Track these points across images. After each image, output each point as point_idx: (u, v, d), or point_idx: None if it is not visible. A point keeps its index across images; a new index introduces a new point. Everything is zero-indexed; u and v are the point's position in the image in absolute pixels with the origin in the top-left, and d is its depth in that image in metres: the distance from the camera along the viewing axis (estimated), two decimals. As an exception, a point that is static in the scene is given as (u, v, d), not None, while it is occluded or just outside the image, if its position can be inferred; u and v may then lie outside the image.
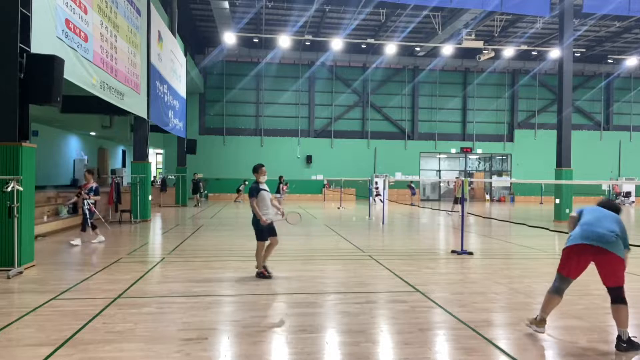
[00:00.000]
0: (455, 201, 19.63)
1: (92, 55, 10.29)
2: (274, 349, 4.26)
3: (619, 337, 4.20)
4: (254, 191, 7.00)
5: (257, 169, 7.21)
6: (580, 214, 4.68)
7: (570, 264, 4.40)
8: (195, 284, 6.59)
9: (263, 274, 6.96)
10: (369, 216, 18.37)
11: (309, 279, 7.09)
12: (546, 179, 29.27)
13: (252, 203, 6.95)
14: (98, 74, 10.67)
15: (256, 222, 6.98)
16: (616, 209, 4.65)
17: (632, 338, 4.19)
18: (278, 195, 19.90)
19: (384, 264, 8.31)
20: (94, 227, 10.53)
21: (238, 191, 28.47)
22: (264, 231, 6.96)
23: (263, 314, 5.24)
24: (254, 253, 7.18)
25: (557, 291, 4.49)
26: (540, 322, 4.56)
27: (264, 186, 7.16)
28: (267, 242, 7.06)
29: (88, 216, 10.30)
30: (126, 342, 4.31)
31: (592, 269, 7.80)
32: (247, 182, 27.43)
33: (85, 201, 10.30)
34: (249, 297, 5.99)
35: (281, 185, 20.73)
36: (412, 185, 29.93)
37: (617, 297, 4.25)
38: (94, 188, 10.46)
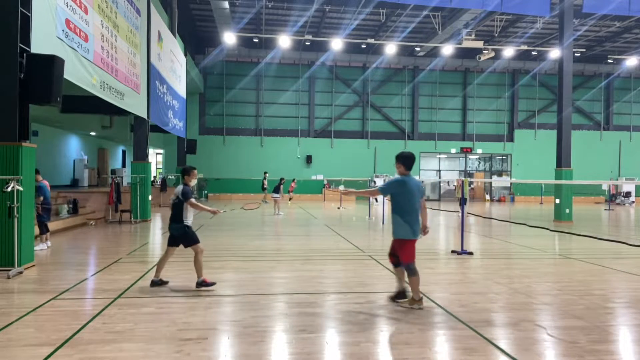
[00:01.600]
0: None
1: (92, 55, 10.29)
2: (274, 349, 4.26)
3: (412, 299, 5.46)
4: (190, 192, 6.44)
5: (189, 172, 6.57)
6: (392, 193, 5.55)
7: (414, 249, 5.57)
8: (194, 283, 6.58)
9: (206, 282, 6.29)
10: (369, 216, 18.37)
11: (309, 279, 7.09)
12: (546, 179, 29.27)
13: (194, 202, 6.35)
14: (98, 74, 10.67)
15: (183, 227, 6.37)
16: (412, 159, 5.64)
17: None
18: (277, 195, 19.92)
19: (384, 264, 8.30)
20: (43, 231, 9.69)
21: (264, 189, 27.00)
22: (195, 233, 6.53)
23: (263, 314, 5.24)
24: (194, 261, 6.42)
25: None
26: (420, 301, 5.47)
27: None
28: (172, 249, 6.61)
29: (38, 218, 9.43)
30: (126, 342, 4.31)
31: (594, 269, 7.78)
32: (267, 174, 27.13)
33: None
34: (249, 297, 5.99)
35: (281, 186, 20.72)
36: None
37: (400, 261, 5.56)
38: (37, 187, 9.24)
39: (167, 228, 14.00)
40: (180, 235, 6.46)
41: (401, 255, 5.49)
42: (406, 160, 5.58)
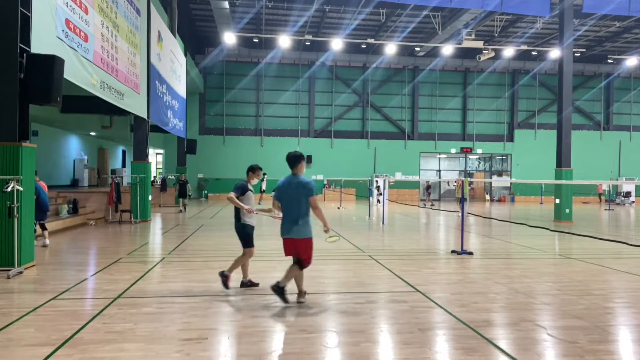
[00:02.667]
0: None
1: (92, 55, 10.29)
2: (274, 349, 4.26)
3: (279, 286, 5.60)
4: (241, 189, 6.29)
5: (255, 170, 6.58)
6: (278, 198, 5.77)
7: (287, 249, 5.75)
8: (195, 284, 6.59)
9: (252, 282, 6.46)
10: (369, 216, 18.37)
11: (309, 279, 7.07)
12: (546, 179, 29.26)
13: (234, 198, 6.15)
14: (98, 74, 10.67)
15: (243, 226, 6.36)
16: (298, 159, 5.75)
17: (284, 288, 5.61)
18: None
19: (384, 264, 8.31)
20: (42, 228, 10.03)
21: (262, 191, 25.94)
22: (252, 236, 6.44)
23: (263, 314, 5.24)
24: (238, 258, 6.50)
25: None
26: (302, 293, 5.79)
27: (251, 187, 6.59)
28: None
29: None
30: (126, 342, 4.31)
31: (594, 269, 7.76)
32: (266, 174, 26.77)
33: None
34: (248, 297, 5.99)
35: (263, 184, 20.08)
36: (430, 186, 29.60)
37: (301, 263, 5.69)
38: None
39: (167, 228, 14.05)
40: (238, 234, 6.51)
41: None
42: (288, 161, 5.79)
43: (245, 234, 6.41)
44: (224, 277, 6.35)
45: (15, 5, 7.28)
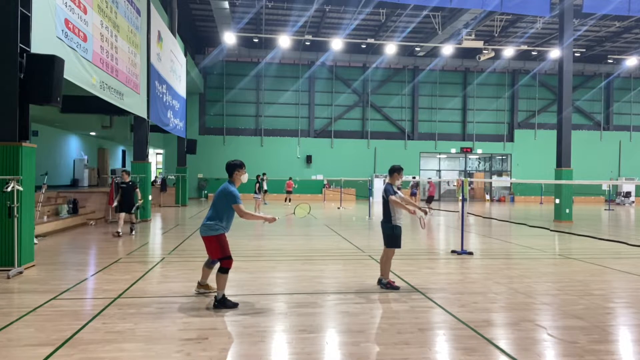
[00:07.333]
0: (428, 200, 20.43)
1: (91, 55, 10.29)
2: (274, 349, 4.26)
3: (215, 298, 5.46)
4: (394, 191, 6.51)
5: (399, 171, 6.69)
6: None
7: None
8: (195, 284, 6.58)
9: (391, 284, 6.44)
10: (369, 216, 18.36)
11: (309, 279, 7.09)
12: (546, 179, 29.27)
13: (394, 199, 6.37)
14: (98, 74, 10.67)
15: (394, 227, 6.49)
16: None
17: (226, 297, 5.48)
18: (257, 196, 19.16)
19: (384, 264, 8.30)
20: None
21: (265, 191, 24.45)
22: (401, 237, 6.54)
23: (263, 314, 5.24)
24: (384, 259, 6.56)
25: (208, 265, 6.02)
26: (205, 286, 6.05)
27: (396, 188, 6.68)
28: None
29: None
30: (126, 342, 4.31)
31: (594, 269, 7.75)
32: (266, 174, 26.52)
33: None
34: (249, 297, 5.98)
35: (257, 184, 19.20)
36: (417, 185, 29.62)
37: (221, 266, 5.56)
38: None
39: (167, 228, 14.02)
40: (386, 235, 6.60)
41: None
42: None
43: (396, 235, 6.52)
44: (387, 285, 6.42)
45: (15, 5, 7.28)
